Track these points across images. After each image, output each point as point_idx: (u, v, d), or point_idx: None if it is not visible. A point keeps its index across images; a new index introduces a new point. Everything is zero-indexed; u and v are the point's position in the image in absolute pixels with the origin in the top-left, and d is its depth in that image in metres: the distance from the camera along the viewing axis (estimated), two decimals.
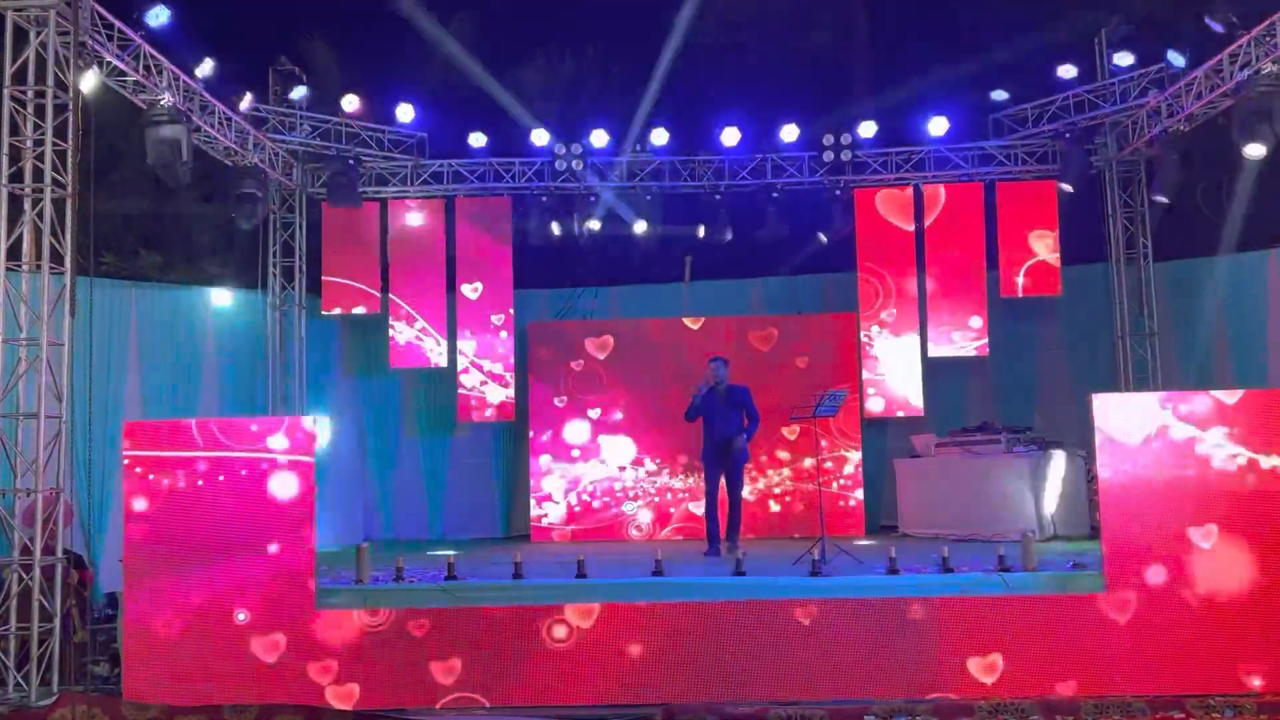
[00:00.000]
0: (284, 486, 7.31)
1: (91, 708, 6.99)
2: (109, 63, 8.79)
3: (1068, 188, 11.51)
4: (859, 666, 7.07)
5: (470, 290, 12.37)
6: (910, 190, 12.16)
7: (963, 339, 11.97)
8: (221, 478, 7.32)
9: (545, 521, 12.27)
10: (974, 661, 7.03)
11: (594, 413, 12.36)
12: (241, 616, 7.21)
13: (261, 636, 7.19)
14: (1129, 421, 7.19)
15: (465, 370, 12.30)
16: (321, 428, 7.68)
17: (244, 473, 7.33)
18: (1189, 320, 12.02)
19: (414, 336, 12.25)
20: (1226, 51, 9.46)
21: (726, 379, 9.71)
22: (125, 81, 9.13)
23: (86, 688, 7.44)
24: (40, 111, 7.76)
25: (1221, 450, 7.08)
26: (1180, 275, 12.12)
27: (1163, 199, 10.95)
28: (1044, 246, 11.84)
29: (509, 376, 12.32)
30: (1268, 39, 8.98)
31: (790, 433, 12.09)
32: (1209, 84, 9.82)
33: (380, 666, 7.17)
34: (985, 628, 7.08)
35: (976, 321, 11.94)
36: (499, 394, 12.31)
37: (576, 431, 12.37)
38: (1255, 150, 9.13)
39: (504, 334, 12.35)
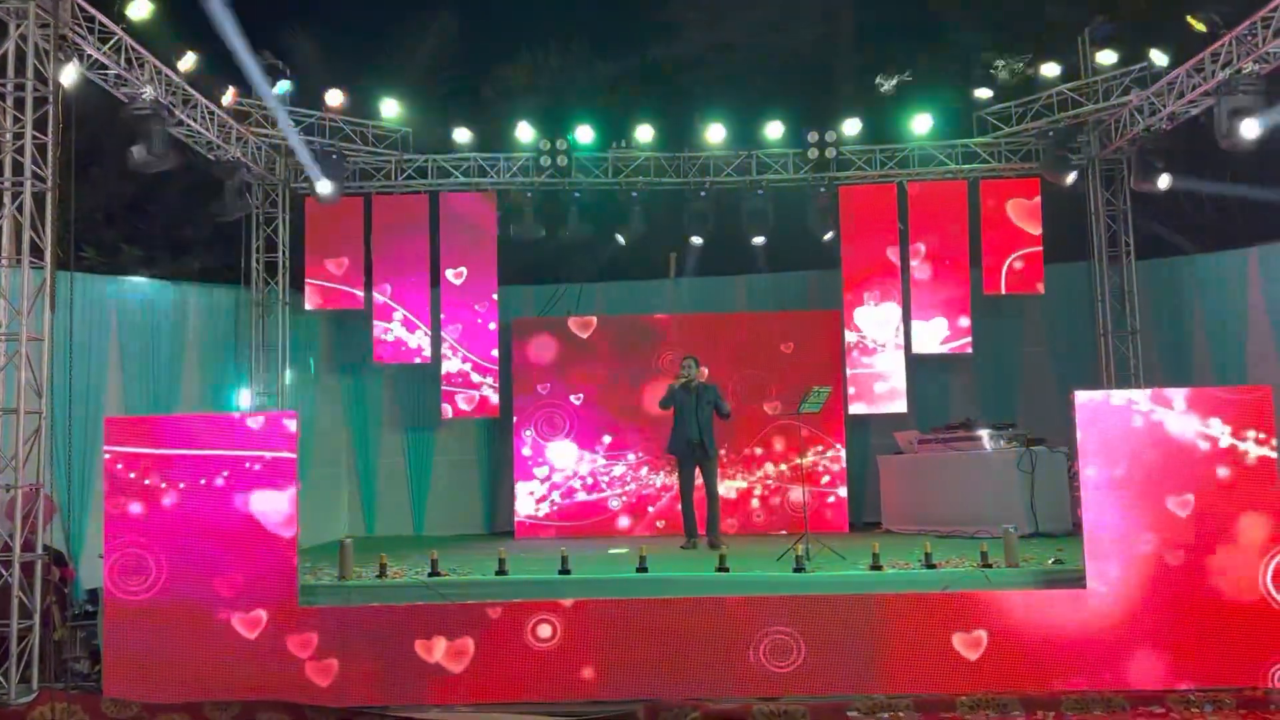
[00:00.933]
0: (266, 483, 7.28)
1: (71, 705, 6.95)
2: (90, 56, 8.72)
3: (1070, 179, 11.46)
4: (842, 661, 7.09)
5: (454, 279, 12.33)
6: (894, 188, 12.19)
7: (946, 336, 12.01)
8: (203, 474, 7.28)
9: (529, 518, 12.26)
10: (959, 636, 7.05)
11: (576, 399, 12.36)
12: (223, 614, 7.18)
13: (244, 633, 7.16)
14: (1111, 419, 7.23)
15: (449, 366, 12.26)
16: (300, 424, 7.65)
17: (226, 469, 7.30)
18: (1170, 318, 12.10)
19: (398, 332, 12.21)
20: (1208, 50, 9.52)
21: (698, 377, 9.79)
22: (106, 75, 9.06)
23: (66, 685, 7.39)
24: (20, 104, 7.69)
25: (1205, 443, 7.13)
26: (1162, 273, 12.19)
27: (1165, 183, 10.91)
28: (1027, 244, 11.87)
29: (493, 372, 12.29)
30: (1249, 38, 9.04)
31: (774, 428, 12.13)
32: (1190, 83, 9.87)
33: (361, 655, 7.15)
34: (968, 623, 7.10)
35: (960, 319, 11.98)
36: (483, 390, 12.28)
37: (560, 428, 12.36)
38: (1250, 129, 9.09)
39: (490, 326, 12.31)
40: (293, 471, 7.32)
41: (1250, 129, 9.01)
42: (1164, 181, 10.80)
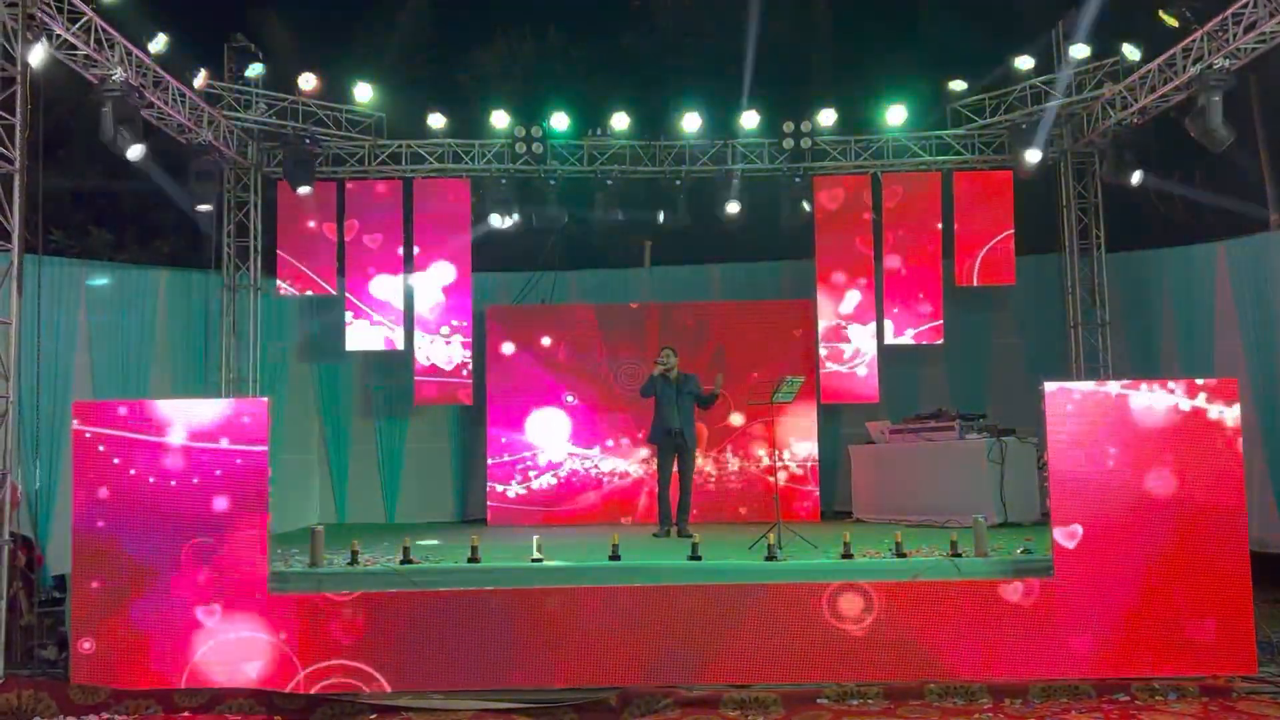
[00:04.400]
0: (237, 469, 7.23)
1: (38, 692, 6.89)
2: (59, 36, 8.61)
3: (1030, 158, 11.57)
4: (813, 650, 7.14)
5: (428, 272, 12.28)
6: (869, 178, 12.23)
7: (918, 327, 12.08)
8: (173, 460, 7.22)
9: (502, 505, 12.26)
10: (928, 624, 7.12)
11: (549, 386, 12.36)
12: (192, 600, 7.13)
13: (213, 620, 7.12)
14: (1079, 409, 7.29)
15: (421, 353, 12.22)
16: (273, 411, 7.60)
17: (196, 455, 7.24)
18: (1140, 310, 12.22)
19: (370, 319, 12.15)
20: (1180, 45, 9.61)
21: (676, 367, 9.82)
22: (76, 55, 8.94)
23: (33, 672, 7.33)
24: None
25: (1171, 433, 7.21)
26: (1132, 266, 12.31)
27: (1138, 178, 11.01)
28: (999, 236, 11.95)
29: (467, 359, 12.27)
30: (1220, 34, 9.13)
31: (747, 418, 12.17)
32: (1162, 77, 9.97)
33: (336, 646, 7.13)
34: (938, 611, 7.16)
35: (932, 310, 12.05)
36: (455, 378, 12.25)
37: (534, 415, 12.35)
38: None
39: (461, 317, 12.27)
40: (264, 458, 7.27)
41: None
42: (1137, 177, 10.91)
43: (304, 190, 11.45)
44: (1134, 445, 7.23)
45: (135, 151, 9.24)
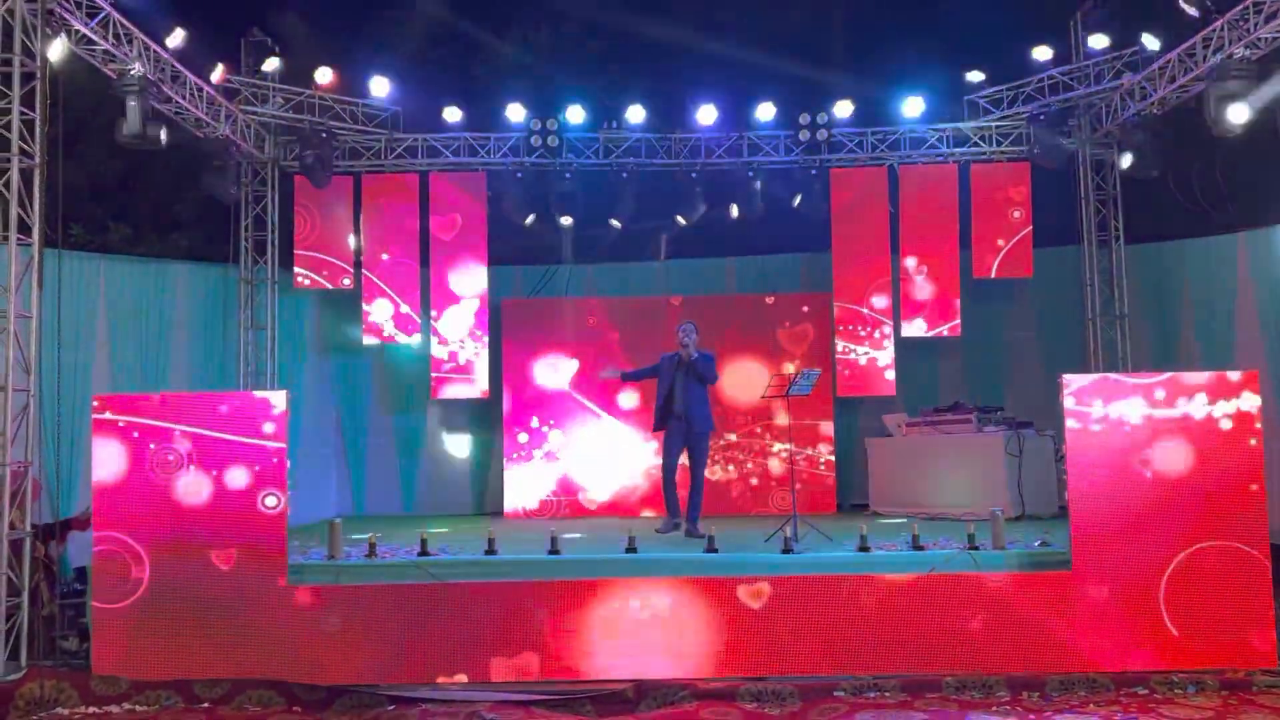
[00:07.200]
0: (254, 461, 7.27)
1: (60, 682, 6.97)
2: (78, 31, 8.65)
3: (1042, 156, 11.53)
4: (829, 643, 7.14)
5: (444, 266, 12.30)
6: (885, 170, 12.19)
7: (935, 319, 12.04)
8: (191, 452, 7.27)
9: (518, 498, 12.28)
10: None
11: (565, 380, 12.37)
12: (210, 591, 7.18)
13: (231, 610, 7.17)
14: (1098, 402, 7.26)
15: (438, 347, 12.25)
16: (290, 402, 7.63)
17: (214, 448, 7.29)
18: (1159, 303, 12.15)
19: (387, 312, 12.17)
20: (1200, 35, 9.53)
21: (695, 345, 9.12)
22: (94, 50, 8.99)
23: (55, 662, 7.40)
24: (7, 80, 7.63)
25: (1192, 424, 7.18)
26: (1151, 258, 12.23)
27: (1126, 161, 10.95)
28: (1017, 229, 11.90)
29: (483, 353, 12.28)
30: (1241, 23, 9.05)
31: (764, 411, 12.15)
32: (1182, 67, 9.89)
33: (351, 639, 7.17)
34: (955, 604, 7.15)
35: (949, 302, 12.01)
36: (472, 371, 12.27)
37: (549, 408, 12.36)
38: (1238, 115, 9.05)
39: (478, 310, 12.29)
40: (282, 449, 7.32)
41: (1239, 114, 9.00)
42: (1126, 160, 10.88)
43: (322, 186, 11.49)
44: (1153, 438, 7.19)
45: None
